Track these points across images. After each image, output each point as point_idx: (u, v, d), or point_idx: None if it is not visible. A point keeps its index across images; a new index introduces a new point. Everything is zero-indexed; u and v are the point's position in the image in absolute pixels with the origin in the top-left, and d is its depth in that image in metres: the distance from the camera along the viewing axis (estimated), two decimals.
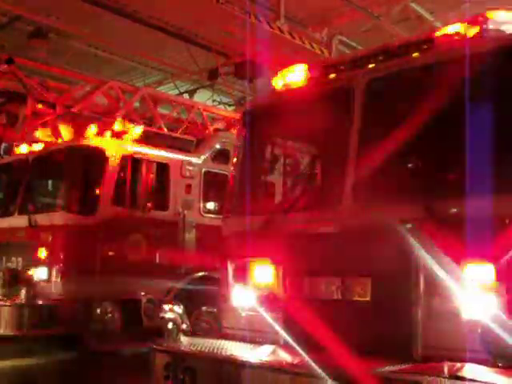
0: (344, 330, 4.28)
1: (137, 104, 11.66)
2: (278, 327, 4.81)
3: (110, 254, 9.11)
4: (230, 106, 18.14)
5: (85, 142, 9.46)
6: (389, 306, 4.34)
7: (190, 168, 10.28)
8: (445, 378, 3.43)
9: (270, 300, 5.05)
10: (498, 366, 3.63)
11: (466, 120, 3.97)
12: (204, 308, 9.44)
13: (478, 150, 3.90)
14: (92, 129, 9.82)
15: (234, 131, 11.01)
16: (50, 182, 11.97)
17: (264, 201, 5.51)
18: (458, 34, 4.60)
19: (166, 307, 5.52)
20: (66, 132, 10.19)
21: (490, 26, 4.45)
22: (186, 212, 9.99)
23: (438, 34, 4.69)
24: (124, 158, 9.34)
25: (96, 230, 8.98)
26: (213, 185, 10.53)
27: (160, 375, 4.86)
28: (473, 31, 4.51)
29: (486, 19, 4.47)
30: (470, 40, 4.45)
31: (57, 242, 9.04)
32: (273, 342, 4.82)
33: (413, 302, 4.17)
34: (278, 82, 5.70)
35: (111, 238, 9.13)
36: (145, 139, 9.91)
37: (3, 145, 11.84)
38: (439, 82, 4.36)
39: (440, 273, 3.95)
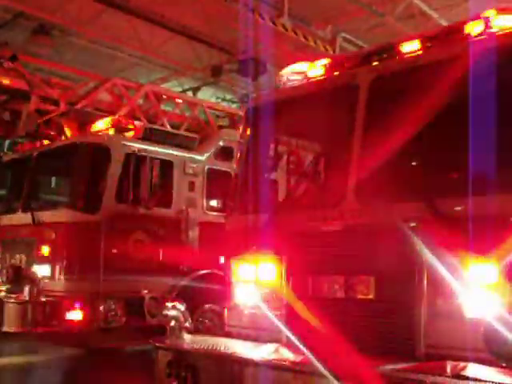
0: (347, 328, 4.28)
1: (140, 101, 11.63)
2: (281, 325, 4.80)
3: (114, 251, 9.09)
4: (233, 102, 18.13)
5: (88, 139, 9.45)
6: (392, 305, 4.33)
7: (194, 165, 10.27)
8: (448, 377, 3.43)
9: (272, 298, 5.05)
10: (501, 366, 3.62)
11: (471, 119, 3.96)
12: (207, 306, 9.46)
13: (482, 149, 3.88)
14: (96, 126, 9.85)
15: (237, 128, 10.97)
16: (53, 178, 11.98)
17: (267, 198, 5.49)
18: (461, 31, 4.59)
19: (169, 305, 5.51)
20: (69, 129, 10.20)
21: (496, 24, 4.43)
22: (189, 209, 9.99)
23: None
24: (127, 155, 9.31)
25: (99, 227, 8.96)
26: (216, 182, 10.49)
27: (163, 373, 4.87)
28: (478, 29, 4.49)
29: (492, 17, 4.45)
30: (475, 38, 4.43)
31: (60, 238, 9.02)
32: (276, 340, 4.82)
33: (416, 301, 4.16)
34: (284, 79, 5.69)
35: (114, 235, 9.11)
36: (148, 136, 9.89)
37: (7, 141, 11.86)
38: (443, 80, 4.34)
39: (443, 271, 3.94)
